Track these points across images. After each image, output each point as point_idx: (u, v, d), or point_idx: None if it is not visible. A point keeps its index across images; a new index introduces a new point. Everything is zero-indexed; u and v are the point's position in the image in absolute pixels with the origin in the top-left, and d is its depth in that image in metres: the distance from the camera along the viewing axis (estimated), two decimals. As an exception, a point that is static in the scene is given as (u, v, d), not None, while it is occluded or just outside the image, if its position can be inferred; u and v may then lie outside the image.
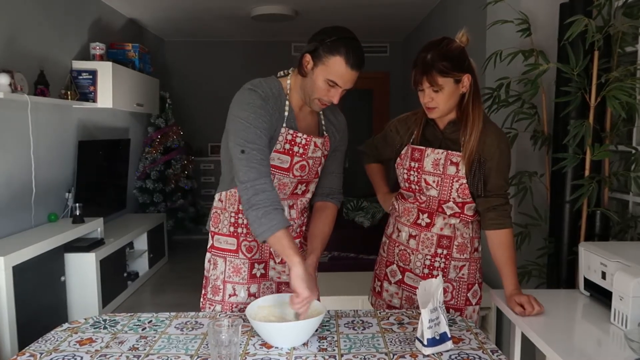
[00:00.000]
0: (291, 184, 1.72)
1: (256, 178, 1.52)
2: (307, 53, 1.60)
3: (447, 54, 1.64)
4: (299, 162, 1.69)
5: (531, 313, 1.65)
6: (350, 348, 1.40)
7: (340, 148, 1.86)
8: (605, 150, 2.19)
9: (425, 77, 1.65)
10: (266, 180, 1.53)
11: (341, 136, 1.86)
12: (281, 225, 1.50)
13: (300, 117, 1.72)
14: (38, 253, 3.26)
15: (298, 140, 1.67)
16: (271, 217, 1.50)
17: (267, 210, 1.50)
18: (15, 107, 3.44)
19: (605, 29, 2.19)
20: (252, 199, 1.51)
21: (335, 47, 1.55)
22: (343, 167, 1.90)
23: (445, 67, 1.62)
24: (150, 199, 5.79)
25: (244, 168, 1.53)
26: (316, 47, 1.58)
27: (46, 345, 1.44)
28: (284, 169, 1.68)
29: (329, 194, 1.86)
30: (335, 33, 1.58)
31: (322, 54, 1.57)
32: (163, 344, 1.45)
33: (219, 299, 1.79)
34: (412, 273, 1.85)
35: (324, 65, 1.57)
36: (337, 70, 1.57)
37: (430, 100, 1.69)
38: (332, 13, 5.34)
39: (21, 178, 3.59)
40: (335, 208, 1.86)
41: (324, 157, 1.79)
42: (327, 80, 1.58)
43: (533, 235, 2.57)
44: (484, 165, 1.72)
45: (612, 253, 1.70)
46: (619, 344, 1.50)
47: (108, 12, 5.09)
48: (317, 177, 1.80)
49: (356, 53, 1.57)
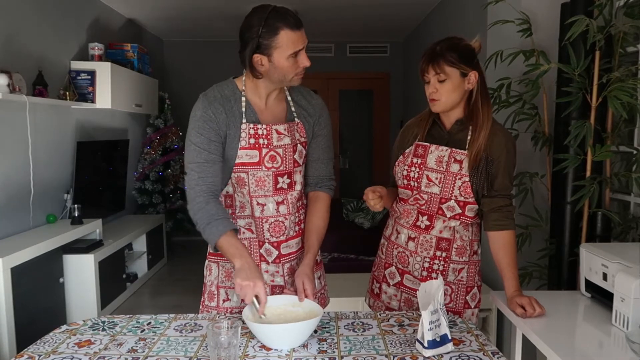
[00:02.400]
0: (268, 178, 1.68)
1: (193, 199, 1.64)
2: (254, 54, 1.58)
3: (456, 47, 1.68)
4: (267, 153, 1.67)
5: (532, 315, 1.65)
6: (350, 350, 1.39)
7: (321, 133, 1.80)
8: (606, 151, 2.18)
9: (432, 64, 1.67)
10: (200, 200, 1.63)
11: (317, 120, 1.79)
12: (217, 237, 1.59)
13: (264, 109, 1.71)
14: (36, 254, 3.25)
15: (260, 132, 1.66)
16: (208, 232, 1.60)
17: (204, 228, 1.61)
18: (13, 108, 3.43)
19: (607, 29, 2.19)
20: (194, 217, 1.64)
21: (273, 27, 1.53)
22: (332, 153, 1.85)
23: (453, 58, 1.65)
24: (149, 200, 5.78)
25: (187, 189, 1.67)
26: (257, 43, 1.55)
27: (45, 347, 1.43)
28: (254, 163, 1.67)
29: (317, 182, 1.82)
30: (259, 17, 1.55)
31: (266, 42, 1.54)
32: (162, 345, 1.44)
33: (214, 305, 1.79)
34: (411, 275, 1.84)
35: (277, 48, 1.55)
36: (289, 40, 1.55)
37: (435, 90, 1.70)
38: (332, 13, 5.34)
39: (19, 179, 3.58)
40: (327, 196, 1.82)
41: (302, 145, 1.74)
42: (289, 56, 1.57)
43: (534, 237, 2.56)
44: (491, 164, 1.72)
45: (614, 254, 1.69)
46: (621, 345, 1.49)
47: (107, 12, 5.09)
48: (299, 166, 1.75)
49: (289, 14, 1.56)
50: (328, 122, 1.84)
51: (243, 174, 1.68)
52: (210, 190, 1.64)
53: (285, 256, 1.78)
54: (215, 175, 1.66)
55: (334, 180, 1.85)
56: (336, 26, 6.05)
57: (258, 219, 1.72)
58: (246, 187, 1.69)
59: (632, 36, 2.22)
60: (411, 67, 6.43)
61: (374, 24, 5.94)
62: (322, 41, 6.83)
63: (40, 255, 3.30)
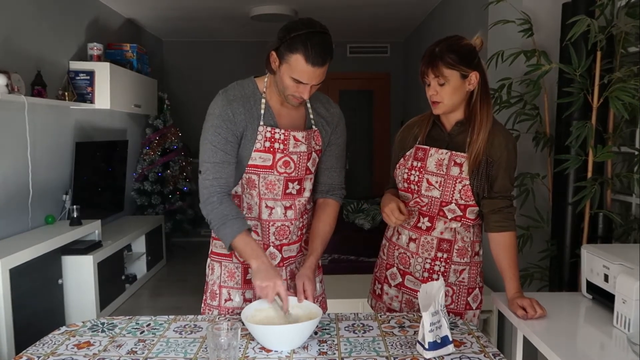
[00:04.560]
0: (279, 182, 1.68)
1: (206, 199, 1.64)
2: (272, 51, 1.57)
3: (455, 48, 1.64)
4: (282, 159, 1.67)
5: (533, 316, 1.64)
6: (351, 352, 1.39)
7: (336, 142, 1.81)
8: (608, 151, 2.17)
9: (431, 68, 1.64)
10: (213, 199, 1.62)
11: (334, 129, 1.79)
12: (232, 237, 1.59)
13: (282, 113, 1.70)
14: (35, 255, 3.24)
15: (277, 137, 1.65)
16: (222, 232, 1.61)
17: (218, 228, 1.62)
18: (12, 108, 3.42)
19: (608, 29, 2.18)
20: (208, 217, 1.64)
21: (294, 45, 1.51)
22: (344, 162, 1.86)
23: (452, 60, 1.62)
24: (149, 201, 5.76)
25: (200, 188, 1.66)
26: (279, 44, 1.54)
27: (43, 348, 1.43)
28: (267, 166, 1.66)
29: (328, 190, 1.82)
30: (296, 29, 1.52)
31: (283, 52, 1.53)
32: (162, 347, 1.44)
33: (216, 304, 1.79)
34: (412, 276, 1.83)
35: (287, 63, 1.54)
36: (298, 69, 1.53)
37: (435, 93, 1.68)
38: (332, 13, 5.34)
39: (18, 180, 3.57)
40: (336, 204, 1.82)
41: (316, 153, 1.74)
42: (292, 78, 1.56)
43: (535, 238, 2.55)
44: (491, 166, 1.70)
45: (615, 255, 1.68)
46: (622, 347, 1.49)
47: (105, 12, 5.08)
48: (310, 173, 1.75)
49: (317, 49, 1.50)
50: (344, 132, 1.84)
51: (254, 176, 1.68)
52: (224, 190, 1.64)
53: (285, 259, 1.78)
54: (230, 176, 1.65)
55: (344, 190, 1.86)
56: (336, 26, 6.02)
57: (265, 222, 1.72)
58: (256, 189, 1.69)
59: (633, 36, 2.21)
60: (412, 68, 6.43)
61: (374, 24, 5.93)
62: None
63: (39, 257, 3.28)
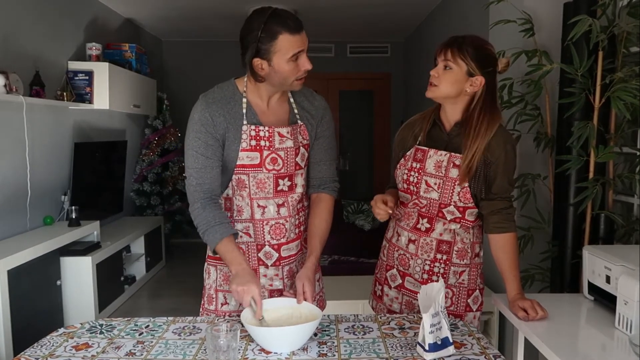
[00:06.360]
0: (269, 180, 1.68)
1: (192, 204, 1.66)
2: (254, 59, 1.57)
3: (477, 45, 1.66)
4: (269, 156, 1.66)
5: (534, 318, 1.63)
6: (351, 353, 1.38)
7: (324, 134, 1.79)
8: (609, 152, 2.17)
9: (446, 48, 1.66)
10: (197, 206, 1.65)
11: (320, 122, 1.78)
12: (214, 244, 1.62)
13: (266, 111, 1.70)
14: (33, 257, 3.23)
15: (262, 134, 1.65)
16: (206, 238, 1.64)
17: (203, 234, 1.64)
18: (10, 109, 3.41)
19: (610, 29, 2.17)
20: (194, 222, 1.66)
21: (272, 31, 1.53)
22: (335, 154, 1.84)
23: (468, 52, 1.63)
24: (148, 202, 5.75)
25: (187, 194, 1.69)
26: (256, 47, 1.55)
27: (42, 350, 1.42)
28: (255, 165, 1.66)
29: (320, 184, 1.81)
30: (258, 20, 1.54)
31: (265, 47, 1.54)
32: (160, 349, 1.43)
33: (213, 308, 1.79)
34: (412, 278, 1.82)
35: (276, 53, 1.55)
36: (289, 45, 1.54)
37: (437, 75, 1.68)
38: (332, 13, 5.34)
39: (16, 180, 3.56)
40: (330, 198, 1.81)
41: (304, 147, 1.73)
42: (289, 59, 1.56)
43: (536, 239, 2.55)
44: (489, 166, 1.69)
45: (617, 257, 1.68)
46: (624, 349, 1.48)
47: (104, 12, 5.07)
48: (300, 169, 1.74)
49: (290, 18, 1.55)
50: (331, 123, 1.82)
51: (244, 176, 1.67)
52: (207, 196, 1.65)
53: (285, 259, 1.76)
54: (214, 180, 1.66)
55: (337, 182, 1.84)
56: (336, 26, 6.05)
57: (258, 222, 1.71)
58: (246, 189, 1.68)
59: (635, 36, 2.21)
60: (412, 68, 6.42)
61: (374, 24, 5.93)
62: (323, 41, 6.82)
63: (37, 258, 3.27)
